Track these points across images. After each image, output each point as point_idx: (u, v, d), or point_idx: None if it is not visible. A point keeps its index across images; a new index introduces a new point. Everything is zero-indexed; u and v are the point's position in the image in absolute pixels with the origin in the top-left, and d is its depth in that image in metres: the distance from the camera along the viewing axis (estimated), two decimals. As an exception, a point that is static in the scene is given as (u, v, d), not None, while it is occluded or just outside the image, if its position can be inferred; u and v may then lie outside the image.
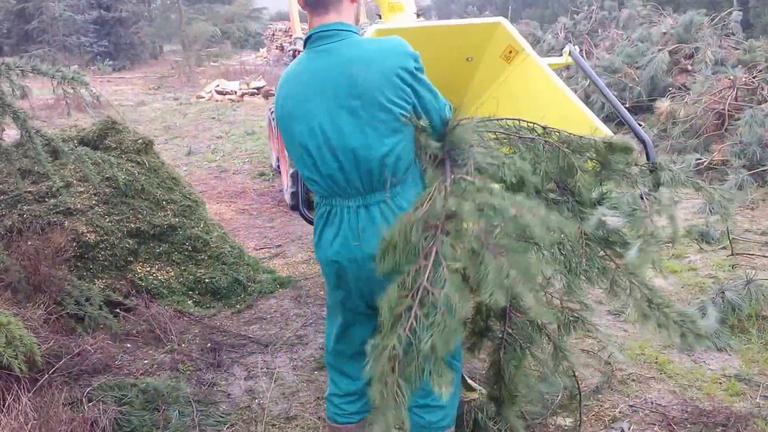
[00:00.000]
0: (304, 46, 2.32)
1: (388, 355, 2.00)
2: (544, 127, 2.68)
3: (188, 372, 3.88)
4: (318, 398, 3.60)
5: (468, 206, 2.10)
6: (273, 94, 9.58)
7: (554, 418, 3.36)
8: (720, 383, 3.70)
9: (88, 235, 4.49)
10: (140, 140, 5.17)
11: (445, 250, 2.06)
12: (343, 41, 2.23)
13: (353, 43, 2.24)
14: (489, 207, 2.08)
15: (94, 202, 4.70)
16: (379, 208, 2.28)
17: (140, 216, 4.78)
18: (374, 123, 2.19)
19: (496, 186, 2.22)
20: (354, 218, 2.30)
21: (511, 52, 4.36)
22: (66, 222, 4.47)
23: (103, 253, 4.54)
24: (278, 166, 8.21)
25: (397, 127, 2.21)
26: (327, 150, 2.25)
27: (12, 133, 4.22)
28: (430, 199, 2.15)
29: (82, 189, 4.74)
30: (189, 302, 4.68)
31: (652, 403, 3.53)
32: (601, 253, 2.57)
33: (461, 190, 2.18)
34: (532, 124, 2.64)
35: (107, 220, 4.64)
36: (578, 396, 3.28)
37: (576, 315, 2.74)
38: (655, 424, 3.35)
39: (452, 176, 2.22)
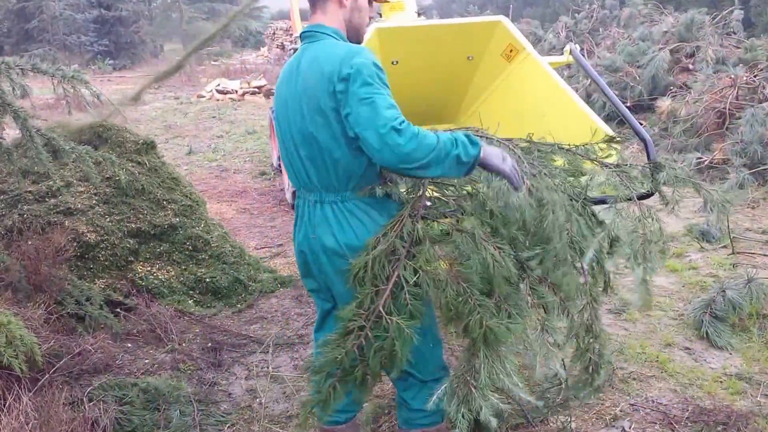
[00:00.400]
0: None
1: (331, 363, 2.08)
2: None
3: (189, 371, 3.88)
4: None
5: (435, 230, 2.20)
6: (273, 93, 9.61)
7: (555, 416, 3.36)
8: (721, 382, 3.70)
9: (88, 235, 4.49)
10: (142, 141, 5.16)
11: (407, 275, 2.14)
12: (317, 42, 2.33)
13: (322, 45, 2.31)
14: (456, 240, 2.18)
15: (94, 201, 4.70)
16: (331, 207, 2.35)
17: (141, 216, 4.78)
18: (317, 125, 2.26)
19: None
20: (312, 212, 2.40)
21: (511, 51, 4.36)
22: (66, 222, 4.47)
23: (103, 253, 4.53)
24: (279, 166, 8.20)
25: (337, 134, 2.23)
26: (292, 144, 2.37)
27: (12, 133, 4.22)
28: (399, 222, 2.22)
29: (82, 189, 4.74)
30: (190, 302, 4.68)
31: (653, 401, 3.53)
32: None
33: (435, 212, 2.29)
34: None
35: (108, 219, 4.64)
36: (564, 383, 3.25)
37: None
38: (656, 423, 3.34)
39: (425, 200, 2.31)
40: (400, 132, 2.05)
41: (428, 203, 2.71)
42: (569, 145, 3.07)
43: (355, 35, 2.46)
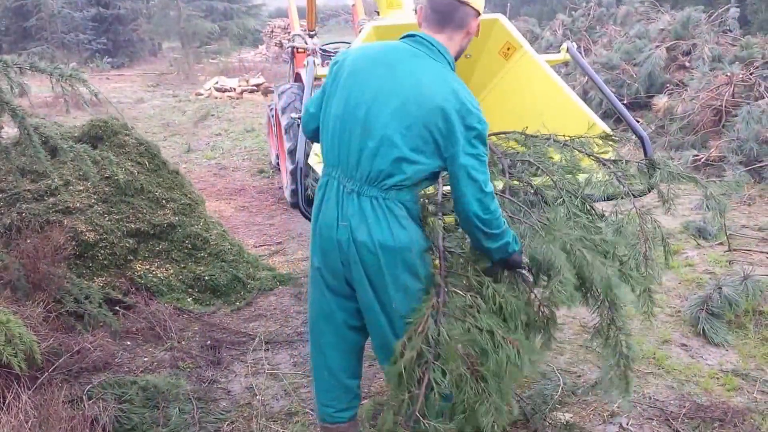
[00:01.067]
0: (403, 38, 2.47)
1: None
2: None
3: (188, 369, 3.89)
4: (317, 395, 3.62)
5: (457, 330, 2.28)
6: (272, 91, 9.54)
7: (554, 413, 3.38)
8: (717, 378, 3.72)
9: (87, 234, 4.49)
10: (143, 146, 5.16)
11: (436, 376, 2.31)
12: (428, 58, 2.39)
13: (432, 66, 2.38)
14: (474, 334, 2.34)
15: (93, 201, 4.70)
16: (370, 202, 2.37)
17: (140, 215, 4.78)
18: (404, 136, 2.31)
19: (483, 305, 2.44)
20: (346, 200, 2.40)
21: (509, 48, 4.37)
22: (65, 221, 4.47)
23: (102, 252, 4.54)
24: (278, 164, 8.20)
25: (428, 152, 2.33)
26: (359, 130, 2.36)
27: (11, 131, 4.23)
28: (424, 323, 2.36)
29: (81, 188, 4.74)
30: (188, 300, 4.69)
31: (650, 398, 3.55)
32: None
33: (453, 308, 2.40)
34: None
35: (107, 218, 4.65)
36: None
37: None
38: (653, 419, 3.36)
39: (445, 292, 2.45)
40: (491, 207, 2.36)
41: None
42: (565, 137, 3.10)
43: (453, 62, 2.52)
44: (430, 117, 2.30)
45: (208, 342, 4.18)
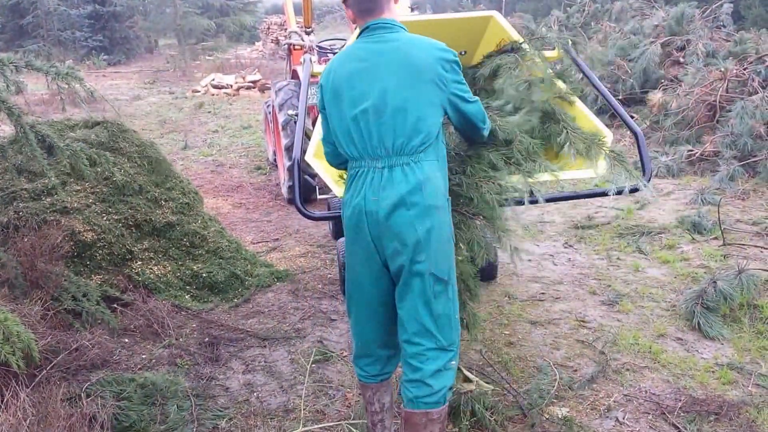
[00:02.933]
0: (358, 37, 2.78)
1: None
2: None
3: (186, 366, 3.90)
4: (316, 391, 3.63)
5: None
6: (269, 88, 9.53)
7: (551, 408, 3.40)
8: (713, 372, 3.74)
9: (85, 234, 4.49)
10: (142, 146, 5.17)
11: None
12: (399, 33, 2.71)
13: (407, 35, 2.72)
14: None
15: (91, 200, 4.70)
16: (401, 169, 2.59)
17: (138, 215, 4.79)
18: (415, 94, 2.60)
19: None
20: (378, 177, 2.60)
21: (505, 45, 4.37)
22: (63, 220, 4.47)
23: (100, 252, 4.54)
24: (275, 160, 8.21)
25: (435, 102, 2.64)
26: (373, 113, 2.61)
27: (7, 130, 4.23)
28: None
29: (78, 188, 4.74)
30: (186, 297, 4.70)
31: (646, 392, 3.57)
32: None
33: None
34: None
35: (105, 218, 4.65)
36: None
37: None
38: (649, 413, 3.39)
39: None
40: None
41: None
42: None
43: None
44: (427, 73, 2.62)
45: (206, 339, 4.19)
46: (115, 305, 4.38)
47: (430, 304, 2.62)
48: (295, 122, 5.39)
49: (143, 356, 4.01)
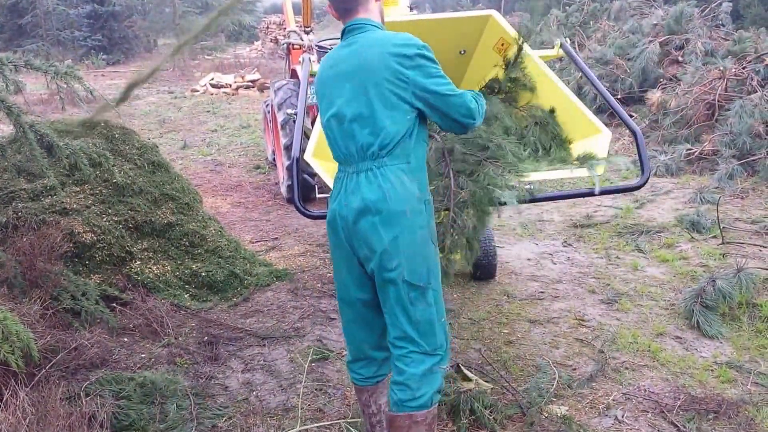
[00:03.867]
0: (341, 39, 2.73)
1: None
2: None
3: (185, 365, 3.90)
4: (316, 390, 3.63)
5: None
6: (268, 87, 9.52)
7: (550, 406, 3.40)
8: (712, 370, 3.75)
9: (84, 235, 4.48)
10: (143, 148, 5.17)
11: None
12: (368, 32, 2.63)
13: (374, 33, 2.63)
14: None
15: (90, 201, 4.69)
16: (366, 175, 2.55)
17: (138, 216, 4.78)
18: (374, 97, 2.52)
19: None
20: (349, 182, 2.59)
21: (503, 44, 4.37)
22: (62, 221, 4.46)
23: (100, 253, 4.54)
24: (274, 159, 8.21)
25: (394, 102, 2.52)
26: (336, 120, 2.61)
27: (6, 129, 4.23)
28: None
29: (77, 189, 4.73)
30: (185, 296, 4.70)
31: (645, 390, 3.57)
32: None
33: None
34: None
35: (104, 219, 4.64)
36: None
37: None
38: (648, 412, 3.39)
39: None
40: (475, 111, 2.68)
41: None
42: None
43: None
44: (381, 72, 2.51)
45: (205, 338, 4.19)
46: (115, 304, 4.38)
47: (408, 311, 2.57)
48: (294, 121, 5.39)
49: (142, 355, 4.00)
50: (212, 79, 16.50)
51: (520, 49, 4.08)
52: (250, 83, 16.31)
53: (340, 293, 2.82)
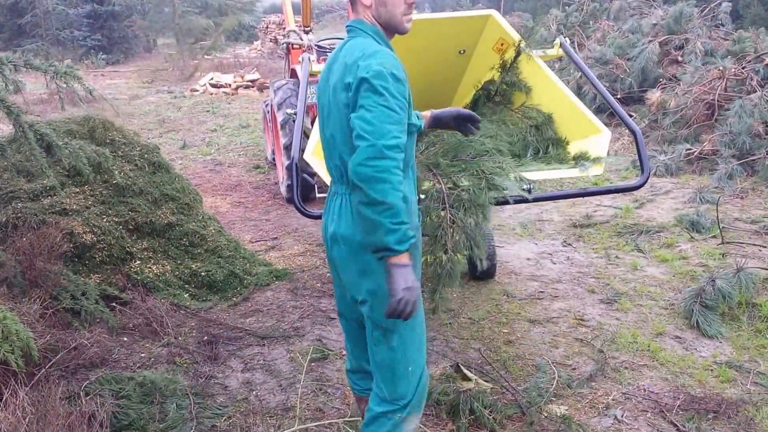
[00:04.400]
0: None
1: None
2: None
3: (185, 365, 3.90)
4: (315, 389, 3.64)
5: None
6: (267, 87, 9.53)
7: (549, 406, 3.40)
8: (711, 370, 3.75)
9: (84, 235, 4.48)
10: (143, 148, 5.17)
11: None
12: (354, 38, 2.38)
13: (353, 41, 2.35)
14: None
15: (90, 202, 4.69)
16: (341, 198, 2.40)
17: (138, 217, 4.78)
18: (336, 119, 2.32)
19: None
20: (331, 202, 2.47)
21: (503, 44, 4.38)
22: (62, 222, 4.45)
23: (99, 254, 4.53)
24: (273, 159, 8.21)
25: (346, 129, 2.25)
26: (323, 133, 2.44)
27: (6, 129, 4.23)
28: None
29: (77, 189, 4.73)
30: (185, 295, 4.70)
31: (644, 390, 3.57)
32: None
33: None
34: None
35: (104, 219, 4.64)
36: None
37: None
38: (647, 411, 3.39)
39: None
40: (386, 158, 2.06)
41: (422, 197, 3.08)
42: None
43: (392, 30, 2.42)
44: (340, 94, 2.26)
45: (205, 337, 4.19)
46: (114, 304, 4.38)
47: (372, 349, 2.44)
48: (294, 121, 5.39)
49: (142, 355, 4.00)
50: (212, 78, 16.49)
51: (518, 53, 4.09)
52: (249, 83, 16.30)
53: (337, 304, 2.76)
